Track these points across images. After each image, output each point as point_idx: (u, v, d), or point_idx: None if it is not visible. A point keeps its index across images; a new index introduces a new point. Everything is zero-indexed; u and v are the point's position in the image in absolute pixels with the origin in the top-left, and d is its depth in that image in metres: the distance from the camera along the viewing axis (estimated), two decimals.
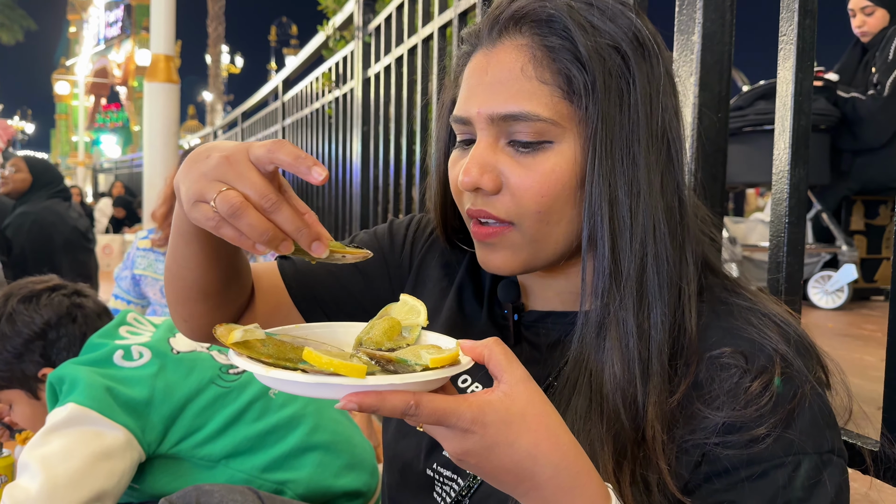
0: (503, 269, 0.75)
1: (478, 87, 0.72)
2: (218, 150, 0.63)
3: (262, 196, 0.60)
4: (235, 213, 0.59)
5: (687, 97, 1.07)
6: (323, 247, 0.62)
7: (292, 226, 0.61)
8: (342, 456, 1.42)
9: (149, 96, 5.33)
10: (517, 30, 0.72)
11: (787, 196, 0.96)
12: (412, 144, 2.45)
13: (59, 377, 1.30)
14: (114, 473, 1.22)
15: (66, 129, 37.54)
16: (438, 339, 0.66)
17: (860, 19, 3.76)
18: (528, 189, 0.70)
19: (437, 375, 0.55)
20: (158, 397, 1.30)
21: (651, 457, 0.65)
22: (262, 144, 0.62)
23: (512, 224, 0.72)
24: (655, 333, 0.68)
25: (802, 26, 0.95)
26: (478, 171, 0.71)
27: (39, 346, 1.46)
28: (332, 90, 3.65)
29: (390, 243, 0.95)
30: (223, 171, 0.61)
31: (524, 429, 0.55)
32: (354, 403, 0.51)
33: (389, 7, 2.65)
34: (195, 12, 30.46)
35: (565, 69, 0.69)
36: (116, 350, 1.35)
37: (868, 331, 2.75)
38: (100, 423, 1.22)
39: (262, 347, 0.59)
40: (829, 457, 0.64)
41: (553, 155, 0.70)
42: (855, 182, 3.65)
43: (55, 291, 1.51)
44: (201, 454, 1.33)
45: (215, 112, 24.92)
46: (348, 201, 3.42)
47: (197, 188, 0.62)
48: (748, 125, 3.55)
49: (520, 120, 0.69)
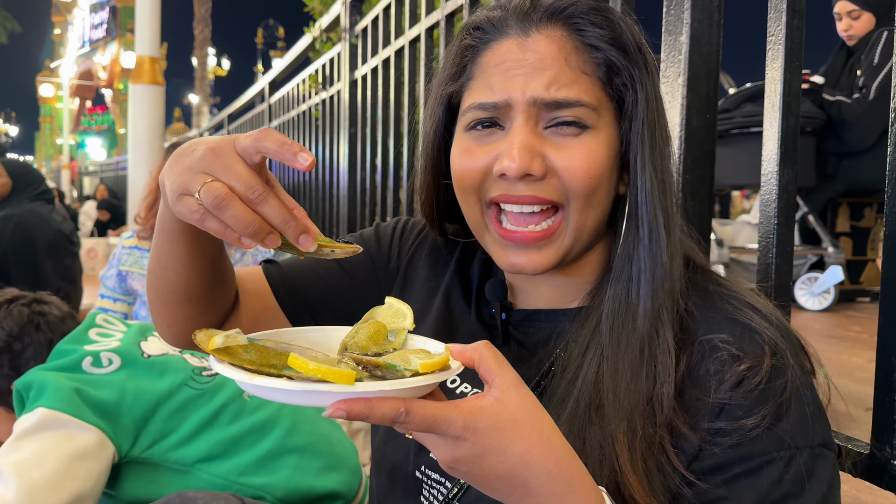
0: (545, 266, 0.74)
1: (517, 71, 0.72)
2: (204, 143, 0.62)
3: (249, 187, 0.59)
4: (220, 205, 0.58)
5: (675, 98, 1.07)
6: (311, 240, 0.60)
7: (279, 218, 0.59)
8: (320, 457, 1.40)
9: (134, 99, 5.29)
10: (552, 22, 0.74)
11: (776, 197, 0.96)
12: (399, 146, 2.44)
13: (25, 383, 1.28)
14: (91, 474, 1.20)
15: (50, 131, 37.29)
16: (426, 343, 0.64)
17: (846, 23, 3.79)
18: (577, 169, 0.71)
19: (427, 381, 0.53)
20: (129, 399, 1.28)
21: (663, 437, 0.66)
22: (249, 135, 0.60)
23: (560, 209, 0.73)
24: (666, 320, 0.69)
25: (791, 27, 0.94)
26: (528, 156, 0.70)
27: (7, 360, 1.44)
28: (319, 92, 3.64)
29: (377, 245, 0.94)
30: (208, 163, 0.60)
31: (516, 435, 0.54)
32: (343, 411, 0.50)
33: (376, 9, 2.64)
34: (181, 14, 30.35)
35: (607, 59, 0.72)
36: (85, 356, 1.33)
37: (854, 332, 2.76)
38: (71, 425, 1.21)
39: (245, 353, 0.57)
40: (821, 450, 0.65)
41: (591, 139, 0.72)
42: (840, 184, 3.67)
43: (13, 303, 1.49)
44: (174, 458, 1.31)
45: (201, 114, 24.81)
46: (335, 203, 3.40)
47: (182, 181, 0.61)
48: (735, 127, 3.56)
49: (564, 106, 0.71)
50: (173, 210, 0.62)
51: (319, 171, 3.71)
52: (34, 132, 44.35)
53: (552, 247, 0.74)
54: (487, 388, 0.56)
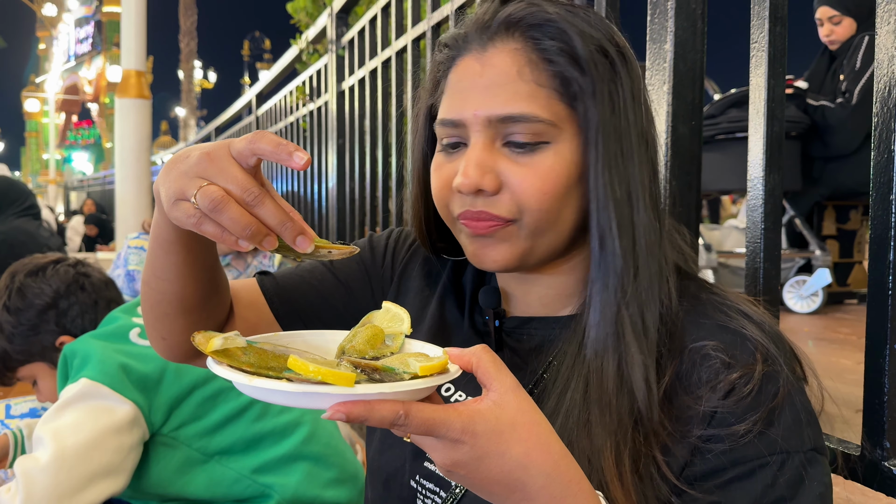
0: (499, 261, 0.74)
1: (472, 90, 0.73)
2: (198, 148, 0.62)
3: (245, 190, 0.59)
4: (217, 208, 0.58)
5: (660, 106, 1.08)
6: (308, 241, 0.60)
7: (276, 219, 0.59)
8: (332, 469, 1.42)
9: (120, 112, 5.27)
10: (509, 34, 0.73)
11: (762, 202, 0.97)
12: (388, 157, 2.44)
13: (72, 350, 1.32)
14: (122, 448, 1.24)
15: (36, 146, 37.10)
16: (423, 346, 0.65)
17: (828, 28, 3.83)
18: (529, 187, 0.70)
19: (426, 384, 0.53)
20: (169, 377, 1.31)
21: (652, 445, 0.66)
22: (243, 138, 0.61)
23: (513, 221, 0.72)
24: (650, 329, 0.69)
25: (773, 33, 0.95)
26: (478, 173, 0.70)
27: (53, 316, 1.52)
28: (307, 104, 3.64)
29: (371, 256, 0.94)
30: (204, 168, 0.60)
31: (515, 438, 0.54)
32: (342, 413, 0.50)
33: (362, 20, 2.65)
34: (167, 28, 30.29)
35: (563, 71, 0.70)
36: (133, 327, 1.37)
37: (843, 334, 2.78)
38: (110, 397, 1.24)
39: (243, 356, 0.57)
40: (813, 455, 0.65)
41: (550, 154, 0.71)
42: (826, 188, 3.70)
43: (59, 264, 1.57)
44: (198, 444, 1.34)
45: (188, 127, 24.75)
46: (325, 215, 3.40)
47: (177, 186, 0.61)
48: (720, 133, 3.59)
49: (518, 122, 0.70)
50: (169, 216, 0.62)
51: (308, 182, 3.71)
52: (20, 147, 44.10)
53: (506, 242, 0.73)
54: (485, 391, 0.56)
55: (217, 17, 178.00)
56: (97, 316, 1.54)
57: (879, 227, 0.81)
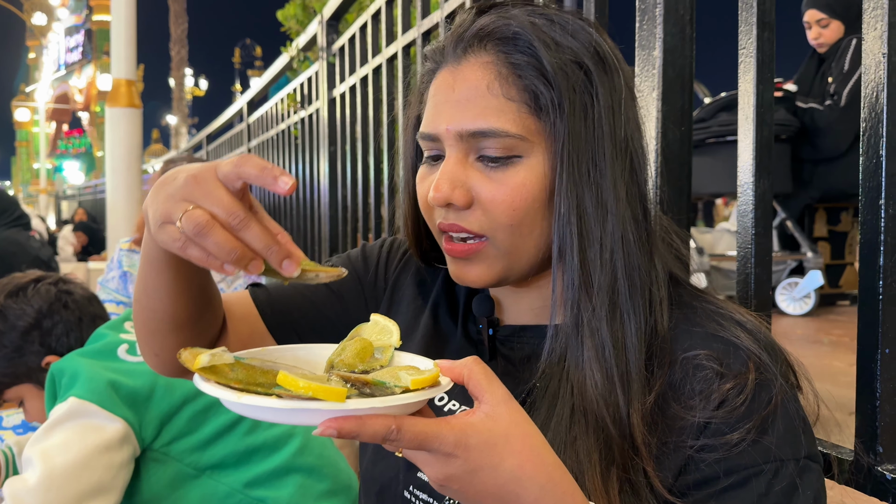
0: (478, 282, 0.75)
1: (445, 105, 0.73)
2: (185, 171, 0.61)
3: (230, 213, 0.58)
4: (201, 232, 0.57)
5: (650, 111, 1.08)
6: (294, 265, 0.59)
7: (261, 243, 0.58)
8: (325, 480, 1.41)
9: (110, 122, 5.25)
10: (482, 47, 0.73)
11: (752, 208, 0.97)
12: (380, 163, 2.44)
13: (60, 369, 1.30)
14: (112, 466, 1.22)
15: (27, 156, 36.96)
16: (413, 359, 0.64)
17: (816, 31, 3.85)
18: (500, 202, 0.70)
19: (418, 398, 0.53)
20: (159, 392, 1.29)
21: (638, 461, 0.65)
22: (229, 161, 0.60)
23: (485, 238, 0.73)
24: (630, 342, 0.68)
25: (761, 39, 0.96)
26: (448, 186, 0.71)
27: (37, 336, 1.48)
28: (298, 111, 3.64)
29: (364, 266, 0.94)
30: (190, 191, 0.59)
31: (508, 451, 0.54)
32: (333, 429, 0.49)
33: (353, 27, 2.65)
34: (158, 36, 30.24)
35: (531, 86, 0.70)
36: (122, 344, 1.35)
37: (836, 336, 2.79)
38: (99, 415, 1.23)
39: (231, 372, 0.56)
40: (807, 462, 0.65)
41: (522, 169, 0.71)
42: (816, 190, 3.71)
43: (40, 282, 1.53)
44: (189, 459, 1.32)
45: (180, 135, 24.70)
46: (317, 222, 3.39)
47: (164, 209, 0.60)
48: (711, 137, 3.60)
49: (488, 136, 0.70)
50: (156, 239, 0.62)
51: (300, 190, 3.70)
52: (10, 157, 43.92)
53: (482, 264, 0.74)
54: (477, 404, 0.56)
55: (208, 24, 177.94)
56: (83, 333, 1.50)
57: (869, 231, 0.81)
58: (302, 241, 3.75)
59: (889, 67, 0.78)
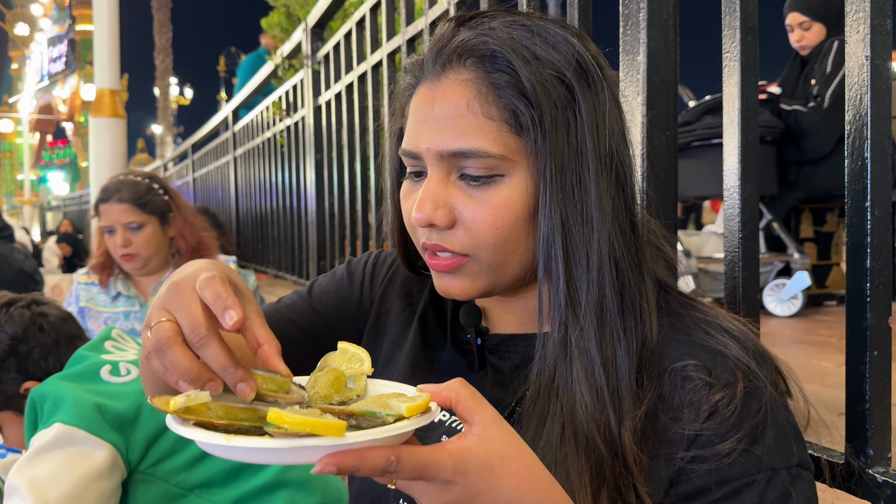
0: (462, 295, 0.74)
1: (425, 123, 0.72)
2: (180, 273, 0.63)
3: (192, 329, 0.58)
4: (161, 349, 0.58)
5: (635, 117, 1.08)
6: (249, 390, 0.58)
7: (217, 364, 0.58)
8: (314, 494, 1.39)
9: (94, 132, 5.20)
10: (461, 64, 0.71)
11: (739, 211, 0.97)
12: (367, 170, 2.43)
13: (41, 394, 1.26)
14: (104, 495, 1.19)
15: (10, 167, 36.66)
16: (389, 386, 0.62)
17: (798, 34, 3.88)
18: (482, 222, 0.69)
19: (416, 425, 0.51)
20: (146, 414, 1.27)
21: (629, 478, 0.64)
22: (201, 278, 0.60)
23: (468, 256, 0.72)
24: (620, 360, 0.68)
25: (745, 43, 0.96)
26: (431, 208, 0.70)
27: (13, 363, 1.43)
28: (284, 119, 3.62)
29: (349, 283, 0.94)
30: (169, 299, 0.60)
31: (505, 472, 0.53)
32: (333, 465, 0.48)
33: (337, 35, 2.64)
34: (142, 45, 30.13)
35: (511, 104, 0.68)
36: (104, 365, 1.32)
37: (823, 336, 2.80)
38: (87, 442, 1.19)
39: (208, 412, 0.54)
40: (798, 471, 0.65)
41: (505, 188, 0.70)
42: (802, 191, 3.73)
43: (12, 306, 1.48)
44: (176, 479, 1.29)
45: (165, 144, 24.59)
46: (304, 230, 3.38)
47: (150, 312, 0.62)
48: (696, 140, 3.61)
49: (469, 156, 0.69)
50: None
51: (287, 198, 3.69)
52: None
53: (466, 278, 0.73)
54: (467, 426, 0.54)
55: (192, 33, 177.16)
56: (61, 355, 1.46)
57: (855, 234, 0.81)
58: (289, 250, 3.73)
59: (872, 70, 0.78)
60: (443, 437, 0.77)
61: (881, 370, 0.81)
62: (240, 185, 5.09)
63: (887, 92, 0.80)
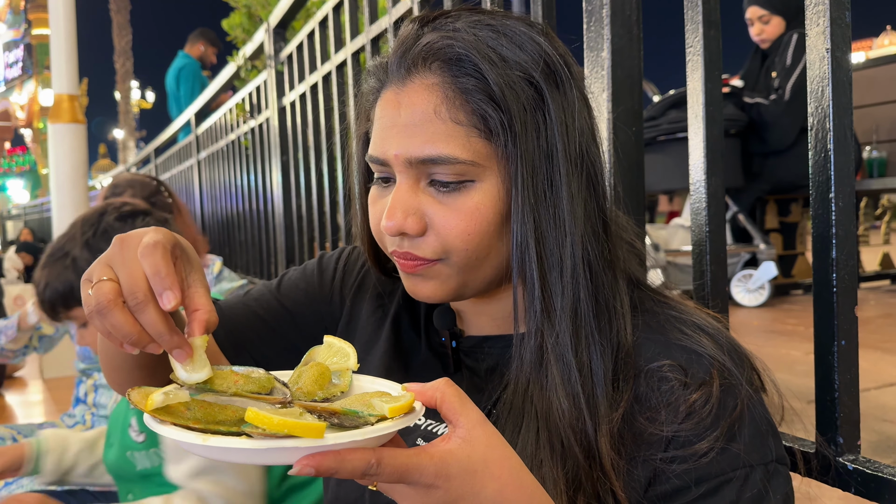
0: (432, 297, 0.73)
1: (391, 129, 0.70)
2: (127, 234, 0.61)
3: (130, 292, 0.57)
4: (102, 311, 0.56)
5: (601, 113, 1.08)
6: (184, 355, 0.57)
7: (153, 329, 0.57)
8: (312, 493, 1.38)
9: (54, 138, 5.09)
10: (426, 67, 0.69)
11: (705, 205, 0.97)
12: (334, 171, 2.41)
13: None
14: None
15: None
16: (375, 383, 0.61)
17: (758, 27, 3.94)
18: (453, 228, 0.68)
19: (397, 427, 0.50)
20: None
21: (606, 482, 0.64)
22: (146, 240, 0.58)
23: (440, 260, 0.70)
24: (596, 364, 0.67)
25: (708, 37, 0.96)
26: (401, 215, 0.68)
27: None
28: (247, 120, 3.58)
29: (320, 281, 0.92)
30: (113, 254, 0.59)
31: (488, 476, 0.52)
32: (311, 467, 0.46)
33: (300, 35, 2.61)
34: (101, 48, 29.61)
35: (479, 109, 0.67)
36: None
37: (791, 325, 2.85)
38: None
39: (188, 411, 0.53)
40: (775, 466, 0.65)
41: (476, 193, 0.68)
42: (766, 183, 3.80)
43: (147, 216, 1.51)
44: None
45: (128, 149, 24.21)
46: (271, 233, 3.34)
47: (92, 268, 0.59)
48: (662, 134, 3.65)
49: (438, 163, 0.67)
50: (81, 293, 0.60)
51: (253, 200, 3.65)
52: None
53: (436, 279, 0.72)
54: (452, 428, 0.53)
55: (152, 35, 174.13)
56: None
57: (820, 225, 0.82)
58: (257, 254, 3.69)
59: (833, 62, 0.79)
60: (419, 441, 0.76)
61: (849, 359, 0.82)
62: (204, 188, 5.02)
63: (848, 84, 0.80)
